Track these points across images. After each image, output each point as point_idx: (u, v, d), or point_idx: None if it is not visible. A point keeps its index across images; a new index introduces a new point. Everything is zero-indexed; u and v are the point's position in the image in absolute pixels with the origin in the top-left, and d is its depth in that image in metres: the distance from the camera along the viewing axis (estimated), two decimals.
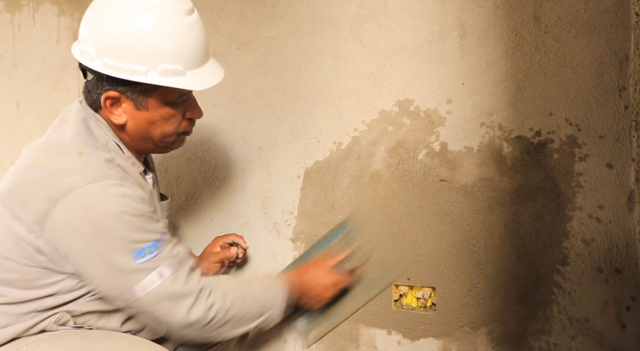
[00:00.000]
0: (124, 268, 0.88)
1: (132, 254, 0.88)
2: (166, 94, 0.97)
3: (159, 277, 0.89)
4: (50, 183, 0.87)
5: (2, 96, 1.72)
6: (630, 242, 1.09)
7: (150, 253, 0.89)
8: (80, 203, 0.86)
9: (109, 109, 0.97)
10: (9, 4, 1.72)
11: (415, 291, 1.26)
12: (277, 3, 1.39)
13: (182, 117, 1.02)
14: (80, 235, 0.86)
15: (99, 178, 0.88)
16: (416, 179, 1.26)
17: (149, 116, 0.98)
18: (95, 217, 0.86)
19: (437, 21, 1.24)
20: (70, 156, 0.90)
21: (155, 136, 1.01)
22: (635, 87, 1.08)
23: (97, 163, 0.90)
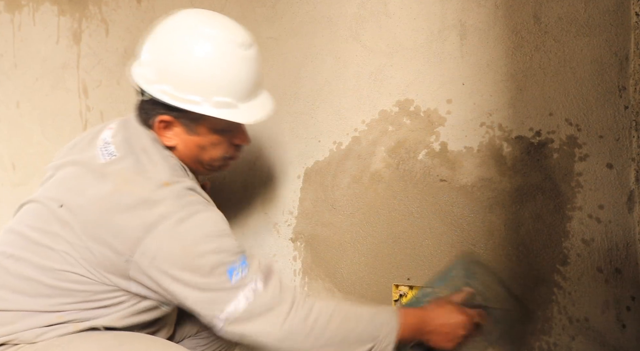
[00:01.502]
0: (219, 287, 0.89)
1: (226, 273, 0.88)
2: (217, 123, 0.99)
3: (253, 290, 0.89)
4: (141, 212, 0.89)
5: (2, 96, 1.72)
6: (630, 242, 1.09)
7: (242, 270, 0.90)
8: (174, 231, 0.88)
9: (161, 131, 0.99)
10: (9, 4, 1.72)
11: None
12: (277, 3, 1.39)
13: (231, 144, 1.05)
14: (175, 261, 0.88)
15: (187, 206, 0.90)
16: (416, 179, 1.26)
17: (199, 141, 1.01)
18: (189, 242, 0.88)
19: (437, 21, 1.24)
20: (157, 187, 0.91)
21: (203, 159, 1.03)
22: (635, 87, 1.08)
23: (183, 192, 0.92)
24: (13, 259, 0.93)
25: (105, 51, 1.58)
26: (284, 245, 1.38)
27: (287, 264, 1.38)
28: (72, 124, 1.62)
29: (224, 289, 0.88)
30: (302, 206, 1.36)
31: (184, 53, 0.95)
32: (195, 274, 0.88)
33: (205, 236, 0.89)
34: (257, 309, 0.89)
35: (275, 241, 1.39)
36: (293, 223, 1.37)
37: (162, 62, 0.96)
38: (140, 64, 1.01)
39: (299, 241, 1.36)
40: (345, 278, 1.32)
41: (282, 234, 1.38)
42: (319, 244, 1.34)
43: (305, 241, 1.36)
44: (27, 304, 0.91)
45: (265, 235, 1.40)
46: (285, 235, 1.38)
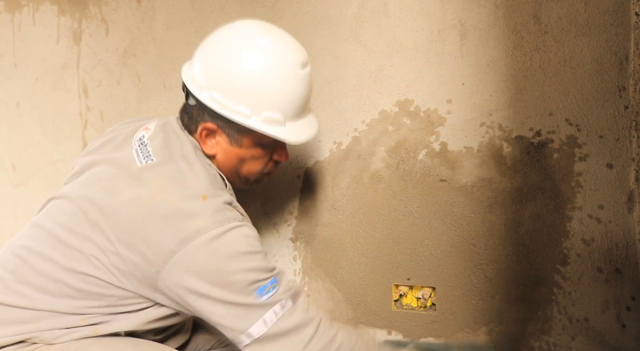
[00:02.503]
0: (248, 305, 0.88)
1: (255, 292, 0.88)
2: (261, 137, 0.98)
3: (281, 308, 0.89)
4: (176, 224, 0.87)
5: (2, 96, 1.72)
6: (630, 242, 1.09)
7: (272, 288, 0.89)
8: (209, 246, 0.87)
9: (203, 138, 0.98)
10: (9, 4, 1.72)
11: (415, 291, 1.26)
12: (277, 3, 1.39)
13: (270, 159, 1.05)
14: (206, 277, 0.87)
15: (223, 222, 0.89)
16: (416, 179, 1.26)
17: (240, 153, 1.00)
18: (222, 258, 0.87)
19: (437, 21, 1.24)
20: (195, 199, 0.90)
21: (242, 172, 1.03)
22: (635, 87, 1.08)
23: (220, 207, 0.91)
24: (40, 257, 0.91)
25: (105, 51, 1.58)
26: (284, 245, 1.38)
27: (287, 264, 1.38)
28: (72, 124, 1.62)
29: (254, 306, 0.88)
30: (302, 206, 1.36)
31: (240, 63, 0.93)
32: (226, 291, 0.87)
33: (239, 253, 0.88)
34: (283, 327, 0.88)
35: (275, 241, 1.39)
36: (293, 223, 1.37)
37: (216, 69, 0.94)
38: (191, 67, 0.99)
39: (299, 241, 1.36)
40: (345, 278, 1.32)
41: (282, 234, 1.38)
42: (319, 244, 1.34)
43: (305, 241, 1.36)
44: (52, 304, 0.90)
45: (265, 235, 1.40)
46: (285, 235, 1.38)
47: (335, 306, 1.32)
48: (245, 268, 0.88)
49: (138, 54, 1.53)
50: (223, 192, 0.95)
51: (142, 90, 1.52)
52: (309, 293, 1.35)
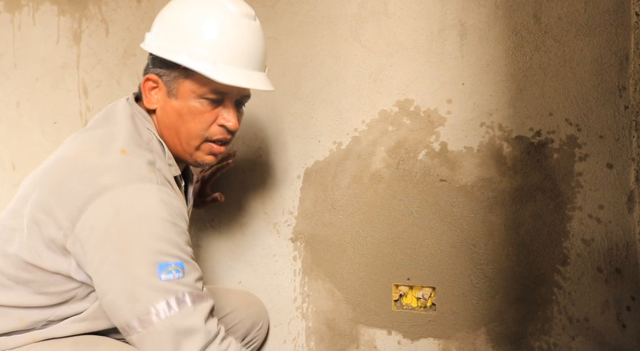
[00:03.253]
0: (145, 281, 0.81)
1: (156, 266, 0.81)
2: (198, 85, 0.95)
3: (177, 304, 0.81)
4: (88, 180, 0.83)
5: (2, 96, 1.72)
6: (630, 242, 1.09)
7: (176, 271, 0.82)
8: (114, 204, 0.82)
9: (147, 93, 0.98)
10: (9, 4, 1.72)
11: (415, 291, 1.26)
12: (277, 3, 1.39)
13: (213, 121, 0.98)
14: (109, 237, 0.81)
15: (137, 180, 0.84)
16: (416, 179, 1.26)
17: (178, 105, 0.96)
18: (127, 219, 0.81)
19: (437, 21, 1.24)
20: (112, 153, 0.86)
21: (181, 132, 0.97)
22: (635, 87, 1.08)
23: (138, 164, 0.86)
24: None
25: (105, 51, 1.58)
26: (284, 245, 1.38)
27: (287, 264, 1.38)
28: (72, 124, 1.62)
29: (149, 286, 0.81)
30: (302, 206, 1.36)
31: (178, 8, 0.97)
32: (126, 257, 0.80)
33: (147, 216, 0.82)
34: (176, 325, 0.81)
35: (275, 241, 1.39)
36: (293, 223, 1.37)
37: (162, 19, 0.98)
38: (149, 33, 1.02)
39: (299, 241, 1.36)
40: (345, 278, 1.32)
41: (282, 234, 1.38)
42: (319, 244, 1.34)
43: (305, 241, 1.36)
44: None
45: (265, 235, 1.40)
46: (285, 235, 1.38)
47: (335, 306, 1.33)
48: (150, 233, 0.81)
49: (138, 54, 1.53)
50: (149, 152, 0.91)
51: None
52: (309, 293, 1.35)
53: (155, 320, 0.80)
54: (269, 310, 1.40)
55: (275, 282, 1.39)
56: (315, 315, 1.35)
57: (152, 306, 0.80)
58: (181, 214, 0.87)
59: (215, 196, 1.35)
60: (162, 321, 0.80)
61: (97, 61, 1.59)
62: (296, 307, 1.37)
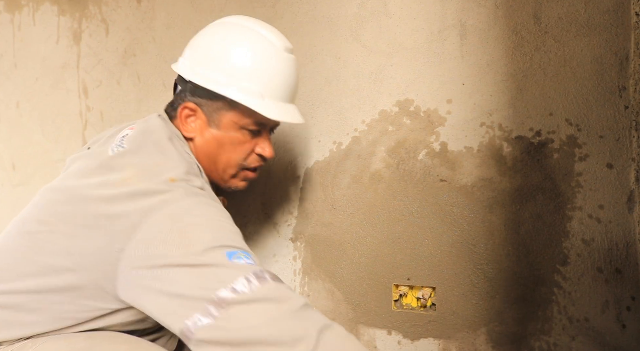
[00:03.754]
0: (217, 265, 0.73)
1: (224, 253, 0.74)
2: (241, 117, 0.97)
3: (258, 279, 0.72)
4: (143, 200, 0.80)
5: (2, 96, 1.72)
6: (630, 242, 1.09)
7: (246, 257, 0.75)
8: (173, 213, 0.78)
9: (183, 119, 0.98)
10: (9, 4, 1.72)
11: (415, 291, 1.26)
12: (277, 3, 1.39)
13: (251, 150, 1.01)
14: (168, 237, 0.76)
15: (193, 195, 0.83)
16: (416, 179, 1.26)
17: (219, 135, 0.98)
18: (186, 216, 0.78)
19: (437, 21, 1.24)
20: (164, 182, 0.83)
21: (220, 161, 0.99)
22: (635, 87, 1.08)
23: (189, 188, 0.85)
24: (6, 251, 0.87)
25: (105, 51, 1.58)
26: (284, 245, 1.38)
27: (287, 264, 1.38)
28: (72, 124, 1.62)
29: (221, 265, 0.73)
30: (302, 206, 1.36)
31: (222, 39, 0.97)
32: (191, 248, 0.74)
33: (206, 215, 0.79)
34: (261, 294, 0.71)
35: (275, 241, 1.39)
36: (293, 223, 1.37)
37: (201, 46, 0.98)
38: (182, 56, 1.02)
39: (299, 241, 1.36)
40: (345, 278, 1.32)
41: (282, 234, 1.38)
42: (319, 244, 1.34)
43: (305, 241, 1.36)
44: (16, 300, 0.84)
45: (265, 235, 1.40)
46: (285, 235, 1.38)
47: (335, 306, 1.32)
48: (210, 226, 0.78)
49: (138, 54, 1.53)
50: (195, 178, 0.90)
51: (142, 90, 1.52)
52: (309, 293, 1.35)
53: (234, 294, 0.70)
54: None
55: None
56: None
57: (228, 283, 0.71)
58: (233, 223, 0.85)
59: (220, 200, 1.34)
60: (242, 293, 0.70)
61: (97, 60, 1.59)
62: None
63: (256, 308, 0.70)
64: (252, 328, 0.68)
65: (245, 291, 0.70)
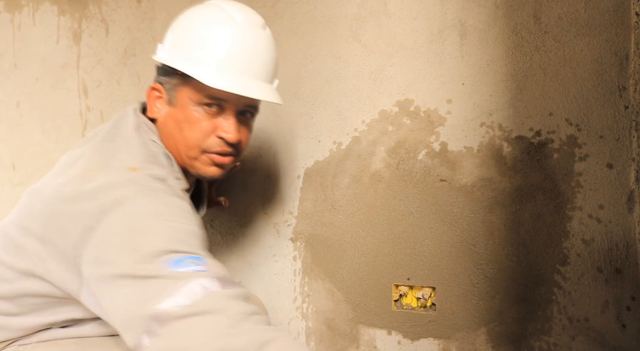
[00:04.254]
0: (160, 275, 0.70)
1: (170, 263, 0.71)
2: (193, 91, 0.92)
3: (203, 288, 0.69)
4: (99, 198, 0.78)
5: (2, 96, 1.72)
6: (630, 242, 1.09)
7: (194, 264, 0.72)
8: (126, 215, 0.76)
9: (151, 102, 0.97)
10: (9, 4, 1.72)
11: (415, 291, 1.26)
12: (277, 3, 1.39)
13: (211, 132, 0.94)
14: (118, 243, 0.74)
15: (150, 191, 0.80)
16: (416, 179, 1.26)
17: (176, 113, 0.94)
18: (137, 219, 0.76)
19: (437, 21, 1.24)
20: (123, 172, 0.82)
21: (179, 141, 0.94)
22: (635, 87, 1.08)
23: (148, 178, 0.83)
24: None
25: (105, 51, 1.58)
26: (284, 245, 1.38)
27: (287, 264, 1.38)
28: (72, 124, 1.62)
29: (164, 276, 0.70)
30: (302, 206, 1.36)
31: (186, 17, 0.97)
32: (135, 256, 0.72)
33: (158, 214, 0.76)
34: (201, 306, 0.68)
35: (275, 241, 1.39)
36: (293, 223, 1.37)
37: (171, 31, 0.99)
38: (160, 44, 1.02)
39: (299, 241, 1.36)
40: (345, 278, 1.32)
41: (282, 234, 1.38)
42: (319, 244, 1.34)
43: (305, 241, 1.36)
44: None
45: (265, 235, 1.40)
46: (285, 235, 1.38)
47: (335, 306, 1.32)
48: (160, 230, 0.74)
49: (138, 54, 1.53)
50: (157, 167, 0.87)
51: (142, 90, 1.52)
52: (309, 293, 1.35)
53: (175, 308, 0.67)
54: (269, 309, 1.40)
55: (275, 282, 1.39)
56: (315, 315, 1.35)
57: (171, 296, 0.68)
58: (193, 218, 0.82)
59: (220, 200, 1.35)
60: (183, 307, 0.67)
61: (97, 60, 1.59)
62: (296, 307, 1.37)
63: (194, 323, 0.67)
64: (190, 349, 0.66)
65: (185, 305, 0.67)
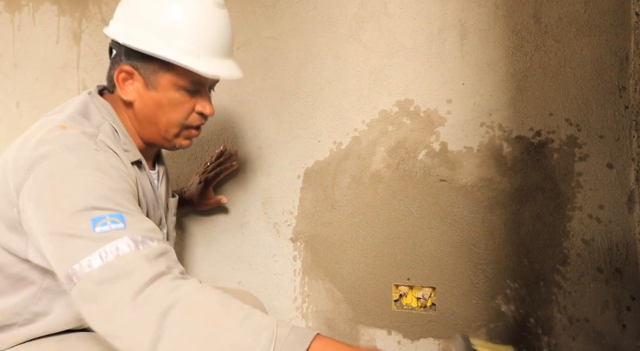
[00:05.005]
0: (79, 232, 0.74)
1: (89, 220, 0.74)
2: (177, 78, 0.95)
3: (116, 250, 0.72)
4: (28, 154, 0.82)
5: (2, 96, 1.72)
6: (630, 242, 1.09)
7: (113, 222, 0.74)
8: (50, 168, 0.80)
9: (120, 84, 0.97)
10: (9, 4, 1.72)
11: (415, 291, 1.26)
12: (277, 3, 1.39)
13: (192, 110, 1.00)
14: (41, 198, 0.78)
15: (75, 145, 0.82)
16: (416, 179, 1.26)
17: (157, 97, 0.96)
18: (58, 179, 0.78)
19: (437, 21, 1.24)
20: (52, 129, 0.86)
21: (161, 122, 0.98)
22: (635, 87, 1.08)
23: (77, 134, 0.85)
24: None
25: (105, 51, 1.58)
26: (284, 245, 1.38)
27: (287, 264, 1.38)
28: None
29: (82, 238, 0.73)
30: (302, 206, 1.36)
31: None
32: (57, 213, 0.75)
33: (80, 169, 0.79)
34: (112, 271, 0.71)
35: (275, 241, 1.39)
36: (293, 223, 1.37)
37: (132, 6, 0.96)
38: (112, 20, 1.00)
39: (299, 241, 1.36)
40: (345, 278, 1.32)
41: (282, 234, 1.38)
42: (319, 244, 1.34)
43: (305, 241, 1.36)
44: None
45: (265, 235, 1.40)
46: (285, 235, 1.38)
47: (335, 306, 1.33)
48: (82, 185, 0.77)
49: None
50: (92, 128, 0.89)
51: None
52: (309, 293, 1.35)
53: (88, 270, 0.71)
54: (269, 309, 1.40)
55: (275, 282, 1.39)
56: (315, 315, 1.35)
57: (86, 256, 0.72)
58: (122, 174, 0.84)
59: (219, 199, 1.37)
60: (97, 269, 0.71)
61: (97, 60, 1.59)
62: (296, 307, 1.37)
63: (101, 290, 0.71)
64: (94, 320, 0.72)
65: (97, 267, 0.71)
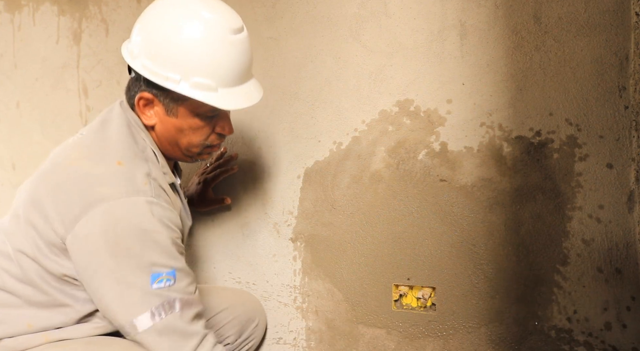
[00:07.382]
0: (139, 288, 0.86)
1: (149, 276, 0.86)
2: (197, 106, 0.97)
3: (169, 309, 0.88)
4: (85, 189, 0.87)
5: (2, 96, 1.72)
6: (630, 242, 1.09)
7: (167, 280, 0.88)
8: (110, 215, 0.85)
9: (141, 109, 0.98)
10: (9, 4, 1.72)
11: (415, 291, 1.26)
12: (277, 3, 1.39)
13: (212, 131, 1.03)
14: (104, 245, 0.85)
15: (133, 193, 0.87)
16: (416, 179, 1.26)
17: (178, 123, 0.99)
18: (123, 230, 0.85)
19: (437, 21, 1.24)
20: (109, 164, 0.90)
21: (182, 143, 1.01)
22: (635, 87, 1.08)
23: (134, 176, 0.90)
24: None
25: (105, 51, 1.58)
26: (284, 245, 1.38)
27: (287, 264, 1.38)
28: (72, 124, 1.62)
29: (142, 292, 0.86)
30: (302, 206, 1.36)
31: (170, 29, 0.93)
32: (121, 265, 0.85)
33: (141, 228, 0.86)
34: (169, 327, 0.88)
35: (275, 241, 1.39)
36: (293, 223, 1.37)
37: (148, 37, 0.95)
38: (130, 41, 1.00)
39: (299, 241, 1.36)
40: (345, 278, 1.32)
41: (282, 234, 1.38)
42: (319, 244, 1.34)
43: (305, 241, 1.36)
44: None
45: (265, 235, 1.40)
46: (285, 235, 1.38)
47: (335, 306, 1.33)
48: (144, 245, 0.86)
49: None
50: (144, 162, 0.94)
51: None
52: (309, 293, 1.35)
53: (149, 323, 0.87)
54: (269, 310, 1.40)
55: (275, 282, 1.39)
56: (315, 315, 1.35)
57: (145, 311, 0.86)
58: (174, 224, 0.92)
59: (222, 199, 1.38)
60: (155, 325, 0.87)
61: (97, 60, 1.59)
62: (296, 307, 1.37)
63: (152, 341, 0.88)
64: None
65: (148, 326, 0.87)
